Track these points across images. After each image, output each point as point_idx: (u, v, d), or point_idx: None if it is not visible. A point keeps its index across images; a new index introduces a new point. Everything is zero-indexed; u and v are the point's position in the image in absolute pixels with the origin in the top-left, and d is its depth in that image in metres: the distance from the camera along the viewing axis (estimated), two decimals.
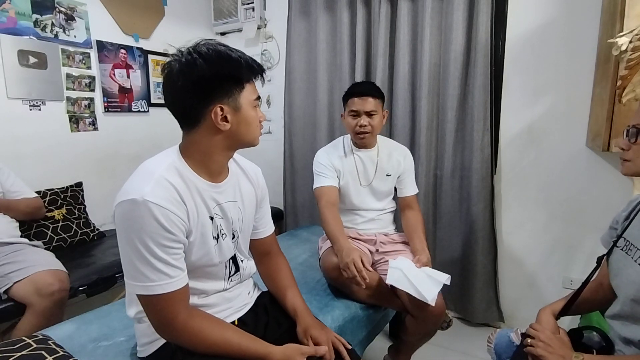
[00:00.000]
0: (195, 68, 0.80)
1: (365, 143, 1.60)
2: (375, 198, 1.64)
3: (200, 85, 0.81)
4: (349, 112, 1.56)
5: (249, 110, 0.87)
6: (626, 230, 0.92)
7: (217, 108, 0.83)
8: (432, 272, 1.36)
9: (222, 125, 0.84)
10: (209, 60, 0.80)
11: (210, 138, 0.86)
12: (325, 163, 1.61)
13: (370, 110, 1.53)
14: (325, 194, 1.56)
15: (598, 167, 1.77)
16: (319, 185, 1.59)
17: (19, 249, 1.61)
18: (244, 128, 0.88)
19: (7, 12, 1.91)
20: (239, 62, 0.83)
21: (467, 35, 1.95)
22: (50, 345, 0.98)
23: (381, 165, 1.62)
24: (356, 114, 1.54)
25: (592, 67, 1.73)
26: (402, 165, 1.64)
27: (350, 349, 1.01)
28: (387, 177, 1.63)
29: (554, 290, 1.92)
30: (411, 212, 1.63)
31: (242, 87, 0.85)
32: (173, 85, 0.83)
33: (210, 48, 0.82)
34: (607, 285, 0.97)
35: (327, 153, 1.65)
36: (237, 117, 0.86)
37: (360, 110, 1.52)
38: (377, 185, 1.63)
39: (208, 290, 0.96)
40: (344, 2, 2.27)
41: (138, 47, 2.50)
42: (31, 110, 2.04)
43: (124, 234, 0.80)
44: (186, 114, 0.86)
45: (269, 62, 2.76)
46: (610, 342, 0.94)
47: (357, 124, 1.54)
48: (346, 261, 1.29)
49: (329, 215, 1.49)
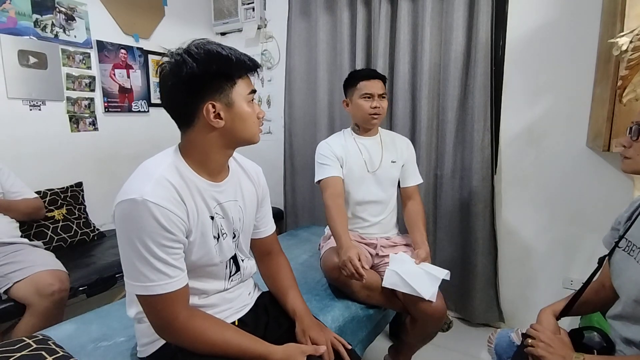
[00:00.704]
0: (184, 66, 0.80)
1: (375, 126, 1.61)
2: (381, 187, 1.61)
3: (190, 83, 0.81)
4: (362, 95, 1.54)
5: (242, 106, 0.87)
6: (628, 230, 0.92)
7: (208, 105, 0.83)
8: (431, 268, 1.36)
9: (216, 123, 0.84)
10: (198, 58, 0.81)
11: (206, 136, 0.86)
12: (326, 153, 1.58)
13: (383, 93, 1.55)
14: (330, 185, 1.52)
15: (598, 167, 1.77)
16: (322, 176, 1.55)
17: (19, 249, 1.61)
18: (239, 124, 0.87)
19: (7, 12, 1.91)
20: (228, 59, 0.83)
21: (467, 36, 1.95)
22: (50, 345, 0.98)
23: (386, 150, 1.61)
24: (370, 96, 1.53)
25: (593, 67, 1.73)
26: (405, 153, 1.64)
27: (350, 349, 1.01)
28: (393, 164, 1.61)
29: (554, 290, 1.92)
30: (413, 203, 1.62)
31: (233, 82, 0.85)
32: (165, 85, 0.84)
33: (199, 47, 0.83)
34: (608, 286, 0.97)
35: (327, 143, 1.62)
36: (231, 113, 0.85)
37: (374, 92, 1.53)
38: (382, 172, 1.60)
39: (209, 291, 0.96)
40: (344, 2, 2.27)
41: (138, 47, 2.50)
42: (31, 111, 2.04)
43: (124, 234, 0.80)
44: (180, 113, 0.87)
45: (269, 62, 2.76)
46: (611, 343, 0.93)
47: (372, 106, 1.53)
48: (343, 259, 1.29)
49: (333, 209, 1.46)
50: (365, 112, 1.55)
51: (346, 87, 1.63)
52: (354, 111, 1.60)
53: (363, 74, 1.57)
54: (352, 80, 1.59)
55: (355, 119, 1.63)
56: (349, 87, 1.60)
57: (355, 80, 1.57)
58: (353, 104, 1.59)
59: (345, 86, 1.63)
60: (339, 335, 1.04)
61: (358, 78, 1.57)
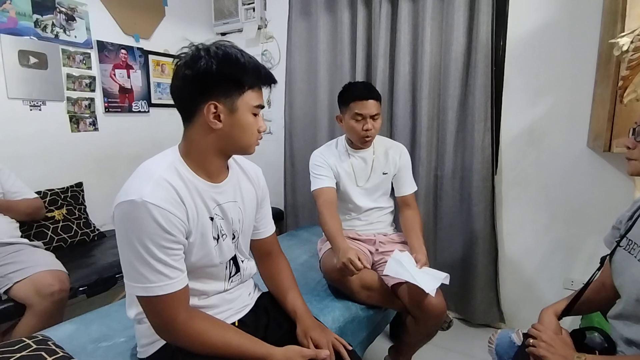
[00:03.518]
0: (199, 61, 0.81)
1: (367, 146, 1.60)
2: (371, 198, 1.63)
3: (199, 78, 0.82)
4: (353, 115, 1.51)
5: (245, 115, 0.87)
6: (630, 230, 0.92)
7: (210, 105, 0.83)
8: (431, 271, 1.37)
9: (214, 124, 0.84)
10: (215, 57, 0.81)
11: (204, 136, 0.87)
12: (321, 164, 1.59)
13: (375, 114, 1.51)
14: (322, 193, 1.55)
15: (599, 167, 1.77)
16: (316, 187, 1.58)
17: (19, 249, 1.61)
18: (238, 132, 0.87)
19: (8, 12, 1.91)
20: (244, 66, 0.84)
21: (467, 36, 1.95)
22: (50, 346, 0.98)
23: (377, 164, 1.62)
24: (362, 117, 1.50)
25: (593, 67, 1.73)
26: (398, 163, 1.63)
27: (350, 350, 1.01)
28: (384, 176, 1.62)
29: (554, 291, 1.92)
30: (409, 210, 1.62)
31: (242, 90, 0.85)
32: (177, 74, 0.85)
33: (220, 47, 0.84)
34: (609, 285, 0.97)
35: (322, 154, 1.63)
36: (232, 118, 0.85)
37: (366, 114, 1.49)
38: (372, 185, 1.62)
39: (208, 291, 0.96)
40: (345, 2, 2.27)
41: (138, 48, 2.50)
42: (31, 111, 2.04)
43: (124, 235, 0.80)
44: (184, 106, 0.87)
45: (269, 62, 2.76)
46: (612, 343, 0.93)
47: (364, 128, 1.50)
48: (342, 261, 1.28)
49: (327, 214, 1.48)
50: (357, 133, 1.53)
51: (340, 103, 1.59)
52: (347, 130, 1.58)
53: (356, 94, 1.51)
54: (345, 98, 1.55)
55: (349, 136, 1.61)
56: (342, 104, 1.57)
57: (348, 99, 1.52)
58: (345, 123, 1.57)
59: (339, 101, 1.59)
60: (340, 336, 1.04)
61: (351, 97, 1.52)
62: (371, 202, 1.63)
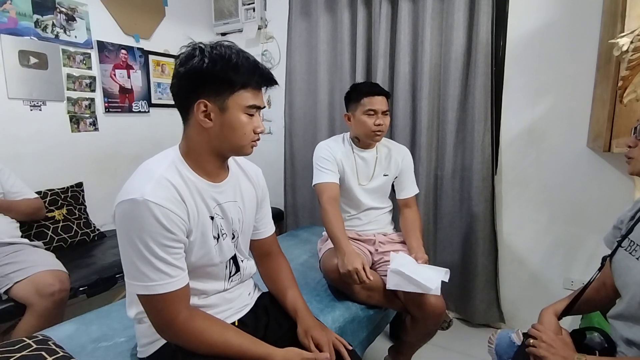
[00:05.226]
0: (192, 60, 0.82)
1: (377, 142, 1.60)
2: (371, 197, 1.63)
3: (191, 76, 0.83)
4: (366, 111, 1.51)
5: (236, 115, 0.86)
6: (632, 231, 0.92)
7: (200, 103, 0.84)
8: (432, 267, 1.38)
9: (204, 122, 0.85)
10: (207, 56, 0.82)
11: (199, 135, 0.87)
12: (327, 157, 1.57)
13: (386, 110, 1.53)
14: (327, 189, 1.53)
15: (599, 167, 1.77)
16: (320, 181, 1.55)
17: (20, 249, 1.61)
18: (228, 131, 0.86)
19: (8, 13, 1.91)
20: (235, 66, 0.83)
21: (467, 36, 1.95)
22: (50, 345, 0.98)
23: (380, 164, 1.62)
24: (374, 112, 1.51)
25: (593, 67, 1.73)
26: (400, 166, 1.63)
27: (350, 350, 1.01)
28: (385, 177, 1.62)
29: (554, 291, 1.92)
30: (409, 211, 1.63)
31: (233, 90, 0.84)
32: (176, 71, 0.86)
33: (216, 47, 0.84)
34: (610, 285, 0.97)
35: (329, 147, 1.61)
36: (221, 118, 0.85)
37: (379, 109, 1.50)
38: (374, 185, 1.62)
39: (208, 291, 0.96)
40: (345, 2, 2.27)
41: (139, 48, 2.50)
42: (32, 111, 2.05)
43: (125, 233, 0.80)
44: (179, 103, 0.88)
45: (269, 62, 2.76)
46: (612, 344, 0.93)
47: (375, 123, 1.50)
48: (349, 269, 1.27)
49: (331, 213, 1.46)
50: (369, 128, 1.52)
51: (348, 101, 1.59)
52: (357, 126, 1.57)
53: (367, 90, 1.53)
54: (355, 94, 1.55)
55: (357, 133, 1.60)
56: (352, 101, 1.57)
57: (359, 95, 1.53)
58: (355, 119, 1.56)
59: (347, 100, 1.59)
60: (340, 335, 1.04)
61: (362, 93, 1.52)
62: (371, 200, 1.63)
